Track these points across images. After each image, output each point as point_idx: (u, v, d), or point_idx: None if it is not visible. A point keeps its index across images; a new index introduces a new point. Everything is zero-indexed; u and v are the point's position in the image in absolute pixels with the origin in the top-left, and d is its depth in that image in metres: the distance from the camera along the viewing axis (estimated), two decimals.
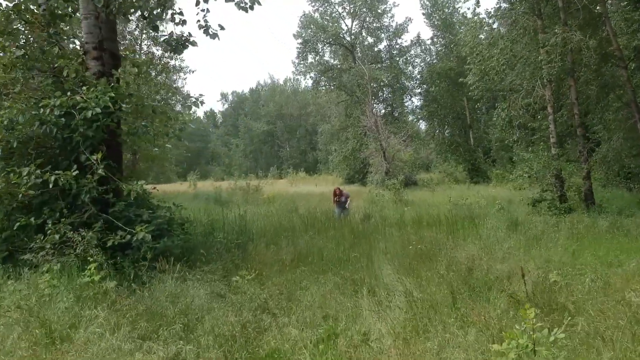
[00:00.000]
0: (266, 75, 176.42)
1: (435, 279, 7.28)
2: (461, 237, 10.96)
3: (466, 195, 24.24)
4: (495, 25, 24.24)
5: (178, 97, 35.44)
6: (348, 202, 16.58)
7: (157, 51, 31.06)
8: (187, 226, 9.34)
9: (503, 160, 45.10)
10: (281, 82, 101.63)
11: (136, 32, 32.82)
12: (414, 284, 7.07)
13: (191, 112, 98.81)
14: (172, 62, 33.34)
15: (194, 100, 10.08)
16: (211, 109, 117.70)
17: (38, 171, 7.04)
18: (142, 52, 31.35)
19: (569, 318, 4.79)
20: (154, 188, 9.37)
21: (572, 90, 17.99)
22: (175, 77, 42.14)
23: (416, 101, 55.42)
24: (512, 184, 20.13)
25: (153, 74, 34.30)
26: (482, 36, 24.60)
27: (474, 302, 6.29)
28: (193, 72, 35.96)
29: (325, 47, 47.37)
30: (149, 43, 30.64)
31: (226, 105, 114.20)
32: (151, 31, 11.02)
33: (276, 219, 14.24)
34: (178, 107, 36.41)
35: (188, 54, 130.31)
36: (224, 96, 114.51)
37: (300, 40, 45.91)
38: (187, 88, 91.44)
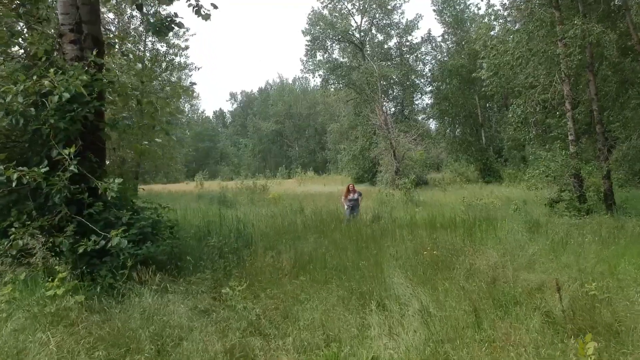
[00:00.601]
0: (275, 75, 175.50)
1: (454, 291, 6.34)
2: (479, 241, 10.00)
3: (479, 195, 23.25)
4: (509, 19, 23.14)
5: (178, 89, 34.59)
6: (360, 199, 15.64)
7: (162, 47, 30.22)
8: (176, 229, 8.41)
9: (515, 160, 44.12)
10: (290, 81, 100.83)
11: (140, 29, 32.10)
12: (429, 297, 6.13)
13: (194, 107, 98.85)
14: (177, 59, 32.48)
15: (185, 88, 9.14)
16: (220, 109, 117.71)
17: (0, 167, 6.15)
18: (146, 49, 30.59)
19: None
20: (142, 189, 8.46)
21: (591, 85, 16.94)
22: (182, 76, 41.61)
23: (427, 99, 54.30)
24: (526, 183, 19.04)
25: (157, 71, 33.69)
26: (495, 29, 23.50)
27: (501, 321, 5.35)
28: (199, 69, 35.00)
29: (334, 45, 46.40)
30: (153, 40, 29.79)
31: (235, 105, 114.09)
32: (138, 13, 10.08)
33: (279, 221, 13.32)
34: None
35: (196, 53, 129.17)
36: (232, 96, 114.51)
37: (308, 38, 44.98)
38: (195, 87, 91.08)
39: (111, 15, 27.67)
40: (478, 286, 6.45)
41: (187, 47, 33.19)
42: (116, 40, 9.90)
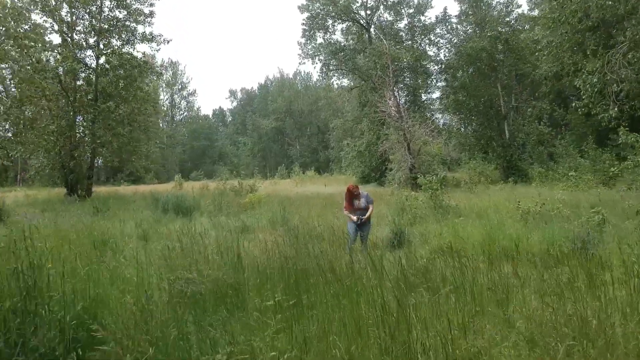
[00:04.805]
0: (275, 70, 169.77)
1: None
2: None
3: (522, 198, 17.65)
4: None
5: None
6: (371, 210, 9.45)
7: (120, 13, 24.76)
8: None
9: (542, 157, 38.67)
10: (291, 76, 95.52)
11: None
12: None
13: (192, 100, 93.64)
14: (141, 29, 27.05)
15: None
16: (220, 107, 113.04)
17: None
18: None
19: None
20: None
21: None
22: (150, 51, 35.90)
23: (437, 92, 48.56)
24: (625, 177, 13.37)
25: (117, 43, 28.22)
26: None
27: None
28: (168, 42, 29.32)
29: (336, 24, 40.56)
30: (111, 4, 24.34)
31: (235, 103, 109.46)
32: None
33: (217, 258, 7.31)
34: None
35: (195, 48, 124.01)
36: (232, 93, 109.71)
37: (306, 15, 39.11)
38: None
39: None
40: None
41: (152, 14, 27.65)
42: None
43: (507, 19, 41.29)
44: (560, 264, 6.47)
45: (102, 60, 28.12)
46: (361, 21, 41.23)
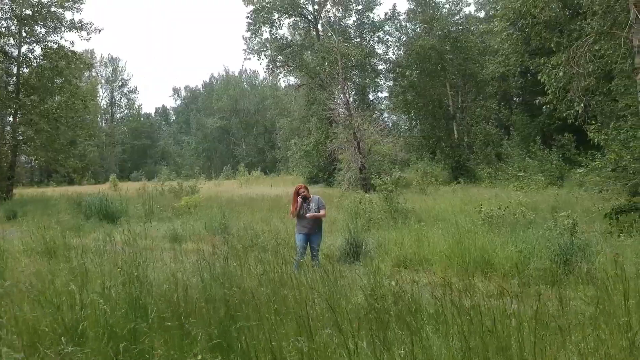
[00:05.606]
0: (221, 68, 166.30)
1: None
2: None
3: (478, 200, 16.80)
4: None
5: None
6: (323, 213, 8.03)
7: None
8: None
9: (490, 157, 38.60)
10: (236, 74, 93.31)
11: None
12: None
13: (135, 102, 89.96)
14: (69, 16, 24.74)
15: None
16: (163, 105, 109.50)
17: None
18: None
19: None
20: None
21: None
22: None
23: (385, 91, 47.79)
24: (584, 179, 12.55)
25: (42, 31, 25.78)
26: None
27: None
28: (100, 30, 27.07)
29: (282, 19, 38.97)
30: None
31: (179, 101, 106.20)
32: None
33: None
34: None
35: (138, 44, 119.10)
36: (176, 91, 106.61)
37: (251, 7, 37.29)
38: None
39: None
40: None
41: None
42: None
43: (457, 18, 41.03)
44: (559, 285, 5.29)
45: (24, 49, 25.58)
46: (309, 16, 39.92)
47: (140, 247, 6.64)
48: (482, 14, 46.41)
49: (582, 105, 12.13)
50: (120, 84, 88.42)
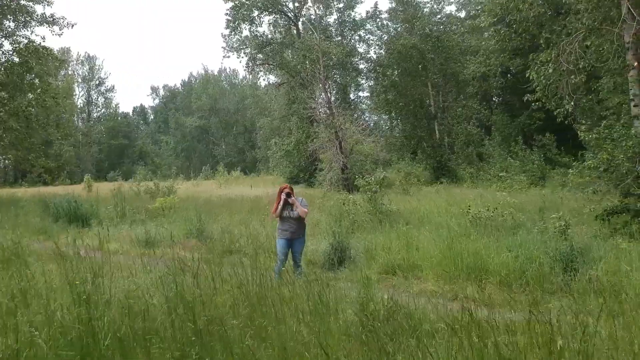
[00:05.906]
0: (200, 67, 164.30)
1: None
2: None
3: (462, 201, 16.44)
4: None
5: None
6: (306, 211, 7.48)
7: None
8: None
9: (472, 157, 38.47)
10: (216, 73, 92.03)
11: None
12: None
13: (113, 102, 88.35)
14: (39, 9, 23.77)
15: None
16: (141, 104, 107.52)
17: None
18: None
19: None
20: None
21: None
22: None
23: (366, 91, 47.47)
24: (574, 179, 12.19)
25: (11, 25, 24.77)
26: None
27: None
28: (73, 25, 26.12)
29: (262, 16, 38.25)
30: None
31: (157, 100, 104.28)
32: None
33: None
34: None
35: (115, 43, 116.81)
36: (154, 90, 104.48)
37: (230, 4, 36.51)
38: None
39: None
40: None
41: None
42: None
43: (438, 17, 40.87)
44: (567, 295, 4.81)
45: None
46: (289, 14, 39.29)
47: (107, 253, 6.02)
48: (462, 14, 46.39)
49: (572, 103, 11.80)
50: (97, 82, 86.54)
